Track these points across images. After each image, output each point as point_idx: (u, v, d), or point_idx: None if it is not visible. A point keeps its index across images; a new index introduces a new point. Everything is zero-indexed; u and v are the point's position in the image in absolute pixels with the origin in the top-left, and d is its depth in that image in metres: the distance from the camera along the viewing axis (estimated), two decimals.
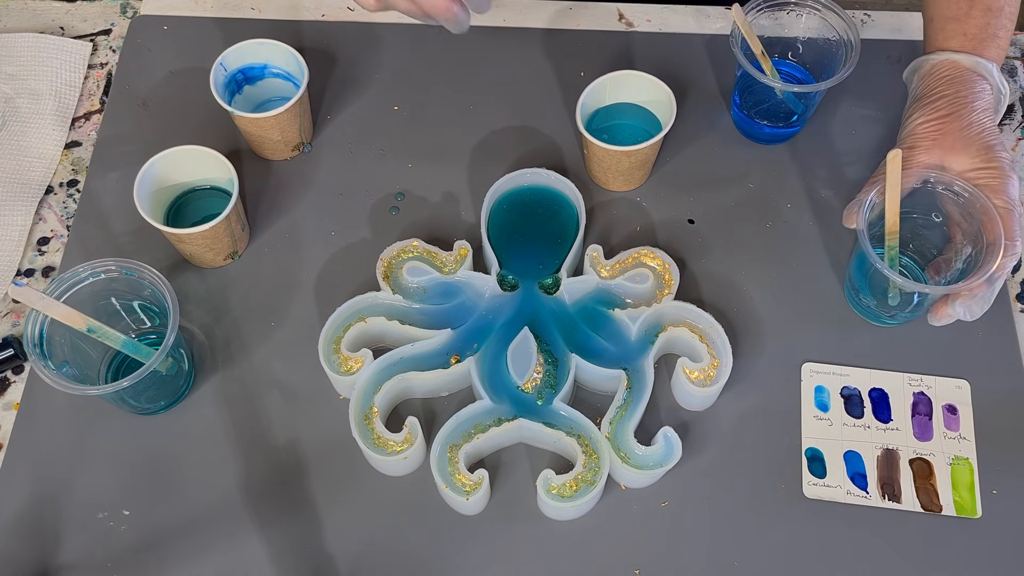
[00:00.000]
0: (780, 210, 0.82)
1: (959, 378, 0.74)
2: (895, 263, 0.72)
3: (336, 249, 0.80)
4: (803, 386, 0.74)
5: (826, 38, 0.81)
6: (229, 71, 0.80)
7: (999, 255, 0.67)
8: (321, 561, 0.68)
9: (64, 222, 0.82)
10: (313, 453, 0.72)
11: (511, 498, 0.71)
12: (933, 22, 0.77)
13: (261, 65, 0.81)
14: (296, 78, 0.80)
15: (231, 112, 0.78)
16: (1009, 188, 0.70)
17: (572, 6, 0.92)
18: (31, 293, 0.65)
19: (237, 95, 0.81)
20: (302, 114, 0.81)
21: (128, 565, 0.69)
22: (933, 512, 0.70)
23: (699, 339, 0.72)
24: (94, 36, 0.91)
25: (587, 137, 0.77)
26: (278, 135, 0.80)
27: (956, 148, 0.72)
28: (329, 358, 0.72)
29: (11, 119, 0.86)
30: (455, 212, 0.82)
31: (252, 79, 0.82)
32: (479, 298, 0.75)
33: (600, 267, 0.76)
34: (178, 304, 0.67)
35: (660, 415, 0.73)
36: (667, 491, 0.71)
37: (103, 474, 0.71)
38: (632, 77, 0.79)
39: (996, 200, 0.70)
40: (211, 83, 0.78)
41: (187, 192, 0.79)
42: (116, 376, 0.73)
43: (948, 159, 0.72)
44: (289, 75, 0.81)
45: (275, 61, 0.81)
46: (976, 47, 0.75)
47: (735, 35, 0.79)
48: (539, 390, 0.71)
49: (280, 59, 0.80)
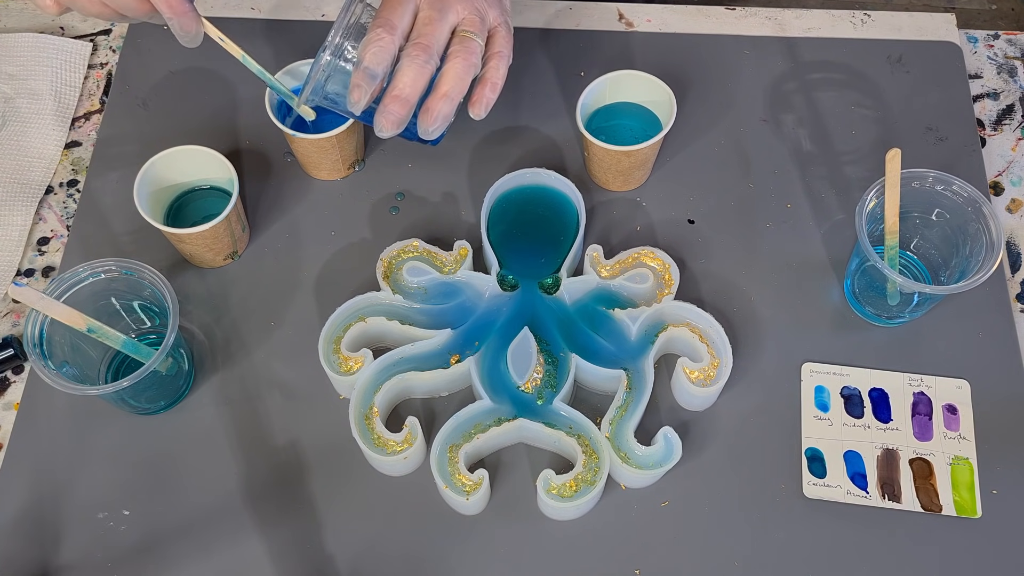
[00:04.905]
0: (780, 210, 0.82)
1: (959, 378, 0.74)
2: (895, 263, 0.72)
3: (336, 249, 0.80)
4: (803, 386, 0.74)
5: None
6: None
7: None
8: (321, 561, 0.68)
9: (64, 222, 0.82)
10: (313, 453, 0.72)
11: (511, 498, 0.71)
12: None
13: None
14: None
15: (290, 135, 0.77)
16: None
17: (572, 6, 0.92)
18: (31, 293, 0.65)
19: (288, 117, 0.79)
20: (359, 130, 0.80)
21: (128, 565, 0.69)
22: (933, 512, 0.70)
23: (699, 339, 0.72)
24: (94, 36, 0.91)
25: (587, 137, 0.77)
26: (337, 154, 0.79)
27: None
28: (329, 358, 0.72)
29: (11, 119, 0.86)
30: (455, 212, 0.82)
31: None
32: (479, 298, 0.75)
33: (600, 267, 0.76)
34: (178, 304, 0.67)
35: (660, 415, 0.73)
36: (667, 491, 0.71)
37: (103, 474, 0.71)
38: (632, 77, 0.79)
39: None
40: (267, 107, 0.77)
41: (187, 192, 0.79)
42: (116, 376, 0.73)
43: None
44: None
45: None
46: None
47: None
48: (539, 390, 0.71)
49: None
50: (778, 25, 0.91)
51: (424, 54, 0.67)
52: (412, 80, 0.67)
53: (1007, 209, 0.83)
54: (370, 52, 0.67)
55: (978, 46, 0.90)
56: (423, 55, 0.67)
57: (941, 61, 0.88)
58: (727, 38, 0.90)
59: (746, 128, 0.85)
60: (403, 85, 0.67)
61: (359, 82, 0.67)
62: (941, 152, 0.84)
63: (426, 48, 0.68)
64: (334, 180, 0.83)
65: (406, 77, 0.67)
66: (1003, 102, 0.88)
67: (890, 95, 0.86)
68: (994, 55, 0.90)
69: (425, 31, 0.68)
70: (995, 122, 0.87)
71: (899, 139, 0.84)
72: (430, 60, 0.68)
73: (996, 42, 0.91)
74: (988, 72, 0.89)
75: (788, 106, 0.86)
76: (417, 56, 0.67)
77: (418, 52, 0.67)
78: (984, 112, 0.87)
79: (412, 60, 0.67)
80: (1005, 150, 0.85)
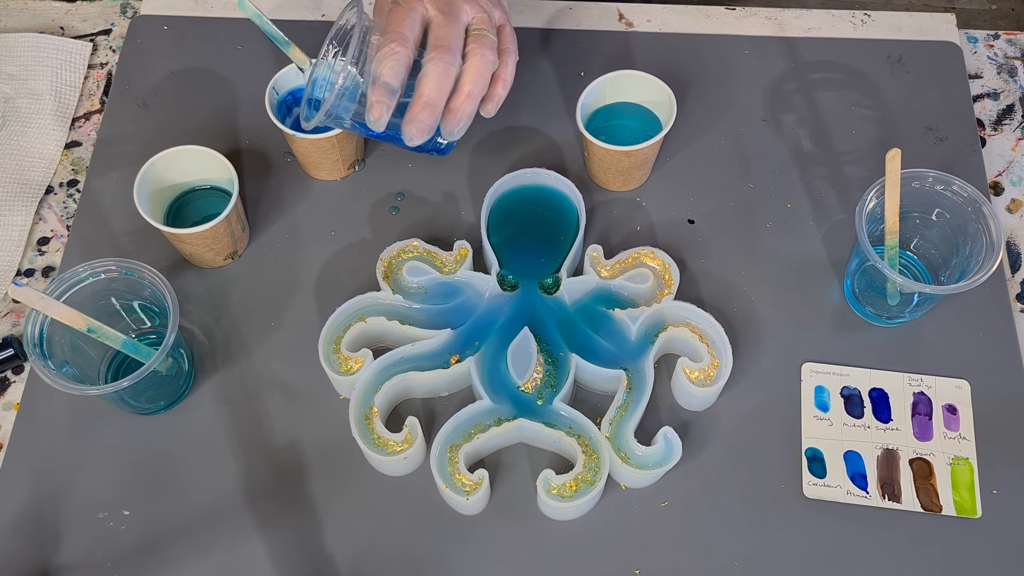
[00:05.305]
0: (780, 210, 0.82)
1: (959, 378, 0.74)
2: (895, 263, 0.72)
3: (336, 249, 0.80)
4: (803, 386, 0.74)
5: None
6: (281, 94, 0.79)
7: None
8: (321, 561, 0.68)
9: (64, 222, 0.82)
10: (313, 453, 0.72)
11: (511, 498, 0.71)
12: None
13: None
14: None
15: (290, 135, 0.77)
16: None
17: (572, 6, 0.92)
18: (31, 293, 0.65)
19: (287, 117, 0.80)
20: None
21: (128, 565, 0.69)
22: (933, 512, 0.70)
23: (699, 339, 0.72)
24: (94, 36, 0.91)
25: (587, 137, 0.77)
26: (337, 154, 0.79)
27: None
28: (329, 358, 0.72)
29: (11, 119, 0.86)
30: (455, 212, 0.82)
31: (300, 101, 0.80)
32: (479, 298, 0.75)
33: (600, 267, 0.76)
34: (178, 304, 0.67)
35: (660, 415, 0.73)
36: (667, 491, 0.71)
37: (103, 474, 0.71)
38: (632, 77, 0.79)
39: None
40: (267, 107, 0.77)
41: (187, 192, 0.79)
42: (116, 376, 0.73)
43: None
44: None
45: None
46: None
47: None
48: (539, 390, 0.71)
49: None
50: (778, 25, 0.91)
51: (448, 56, 0.67)
52: (437, 85, 0.67)
53: (1007, 209, 0.83)
54: (387, 67, 0.66)
55: (978, 46, 0.90)
56: (447, 57, 0.67)
57: (941, 61, 0.88)
58: (727, 38, 0.90)
59: (746, 128, 0.85)
60: (430, 91, 0.67)
61: (380, 98, 0.66)
62: (941, 152, 0.84)
63: (448, 50, 0.67)
64: (334, 180, 0.83)
65: (431, 82, 0.67)
66: (1003, 102, 0.88)
67: (890, 95, 0.86)
68: (994, 55, 0.90)
69: (443, 34, 0.68)
70: (995, 122, 0.87)
71: (899, 139, 0.84)
72: (454, 63, 0.67)
73: (996, 42, 0.91)
74: (988, 72, 0.89)
75: (788, 106, 0.86)
76: (441, 59, 0.67)
77: (441, 55, 0.67)
78: (984, 112, 0.87)
79: (436, 64, 0.67)
80: (1005, 150, 0.85)
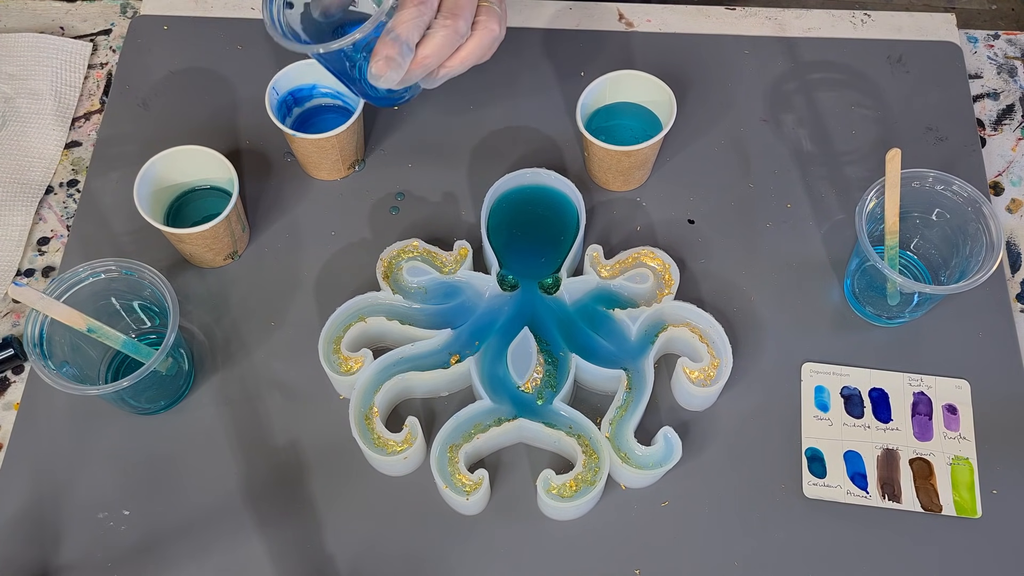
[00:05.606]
0: (780, 210, 0.82)
1: (959, 378, 0.74)
2: (895, 263, 0.72)
3: (336, 249, 0.80)
4: (803, 386, 0.74)
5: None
6: (281, 94, 0.79)
7: None
8: (321, 561, 0.68)
9: (64, 222, 0.82)
10: (313, 453, 0.72)
11: (511, 498, 0.71)
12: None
13: (310, 86, 0.80)
14: (347, 96, 0.80)
15: (290, 134, 0.77)
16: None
17: (572, 6, 0.92)
18: (31, 293, 0.65)
19: (288, 117, 0.80)
20: (359, 131, 0.80)
21: (128, 565, 0.69)
22: (933, 512, 0.70)
23: (699, 339, 0.72)
24: (94, 36, 0.91)
25: (587, 137, 0.77)
26: (337, 154, 0.79)
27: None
28: (329, 358, 0.72)
29: (11, 119, 0.86)
30: (455, 212, 0.82)
31: (300, 101, 0.81)
32: (479, 298, 0.75)
33: (600, 267, 0.76)
34: (178, 304, 0.67)
35: (660, 415, 0.73)
36: (667, 491, 0.71)
37: (103, 474, 0.71)
38: (632, 77, 0.79)
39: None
40: (267, 107, 0.77)
41: (187, 192, 0.79)
42: (116, 376, 0.73)
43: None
44: (339, 93, 0.81)
45: (324, 81, 0.80)
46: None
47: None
48: (539, 390, 0.71)
49: (330, 78, 0.79)
50: (778, 25, 0.91)
51: (459, 24, 0.66)
52: (438, 51, 0.65)
53: (1007, 209, 0.83)
54: (406, 25, 0.63)
55: (978, 46, 0.90)
56: (458, 25, 0.66)
57: (941, 61, 0.88)
58: (727, 38, 0.90)
59: (746, 128, 0.85)
60: (429, 53, 0.65)
61: (390, 53, 0.63)
62: (941, 152, 0.84)
63: (461, 18, 0.66)
64: (334, 180, 0.83)
65: (434, 46, 0.65)
66: (1003, 102, 0.88)
67: (890, 95, 0.86)
68: (994, 55, 0.90)
69: (460, 3, 0.66)
70: (995, 122, 0.87)
71: (899, 139, 0.84)
72: (462, 34, 0.66)
73: (996, 42, 0.91)
74: (988, 72, 0.89)
75: (788, 106, 0.86)
76: (452, 27, 0.65)
77: (454, 23, 0.65)
78: (984, 112, 0.87)
79: (445, 31, 0.65)
80: (1005, 150, 0.85)
